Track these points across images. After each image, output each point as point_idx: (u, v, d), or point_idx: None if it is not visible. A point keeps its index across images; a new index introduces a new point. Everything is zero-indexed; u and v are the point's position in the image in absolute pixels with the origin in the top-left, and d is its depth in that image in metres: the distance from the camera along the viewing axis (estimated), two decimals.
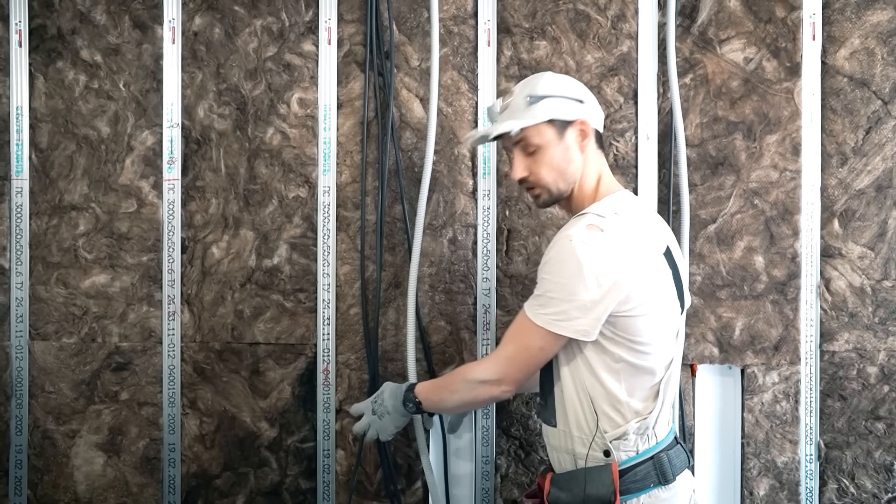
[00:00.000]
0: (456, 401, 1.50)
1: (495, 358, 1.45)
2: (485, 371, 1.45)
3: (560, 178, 1.47)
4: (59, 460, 2.03)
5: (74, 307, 2.03)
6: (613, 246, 1.35)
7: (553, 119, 1.45)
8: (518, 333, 1.42)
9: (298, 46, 2.01)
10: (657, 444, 1.41)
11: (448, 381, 1.52)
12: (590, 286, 1.33)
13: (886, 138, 1.92)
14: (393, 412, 1.57)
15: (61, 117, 2.03)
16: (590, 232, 1.35)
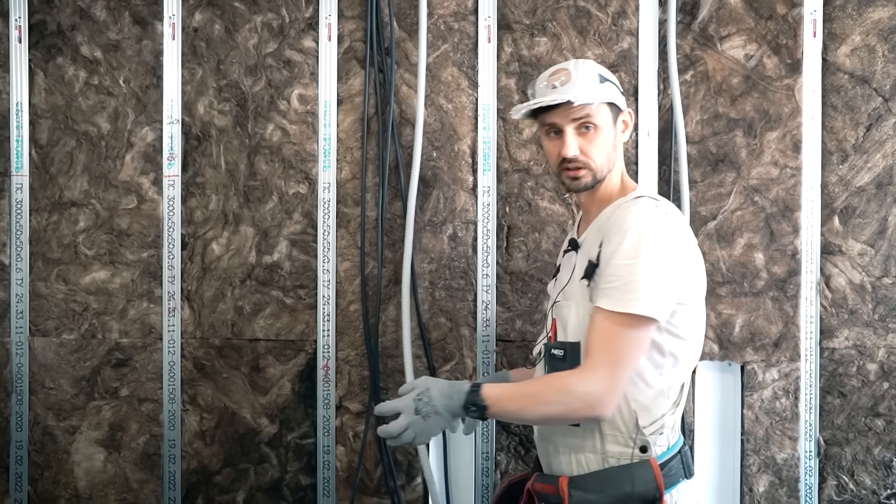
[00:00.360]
0: (543, 414, 1.31)
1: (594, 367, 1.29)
2: (588, 382, 1.28)
3: (606, 163, 1.42)
4: (59, 456, 2.03)
5: (74, 303, 2.03)
6: (682, 229, 1.35)
7: (612, 103, 1.43)
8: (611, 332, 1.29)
9: (299, 43, 2.01)
10: (680, 438, 1.40)
11: (534, 389, 1.33)
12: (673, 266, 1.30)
13: (887, 135, 1.92)
14: (444, 413, 1.33)
15: (61, 113, 2.03)
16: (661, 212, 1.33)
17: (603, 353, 1.29)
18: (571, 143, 1.40)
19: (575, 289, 1.40)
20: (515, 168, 1.97)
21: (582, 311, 1.37)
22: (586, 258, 1.39)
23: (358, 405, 2.00)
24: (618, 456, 1.34)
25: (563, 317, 1.41)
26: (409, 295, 1.93)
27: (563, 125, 1.40)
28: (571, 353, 1.36)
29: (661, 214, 1.33)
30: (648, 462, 1.32)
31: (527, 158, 1.97)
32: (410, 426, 1.32)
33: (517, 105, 1.45)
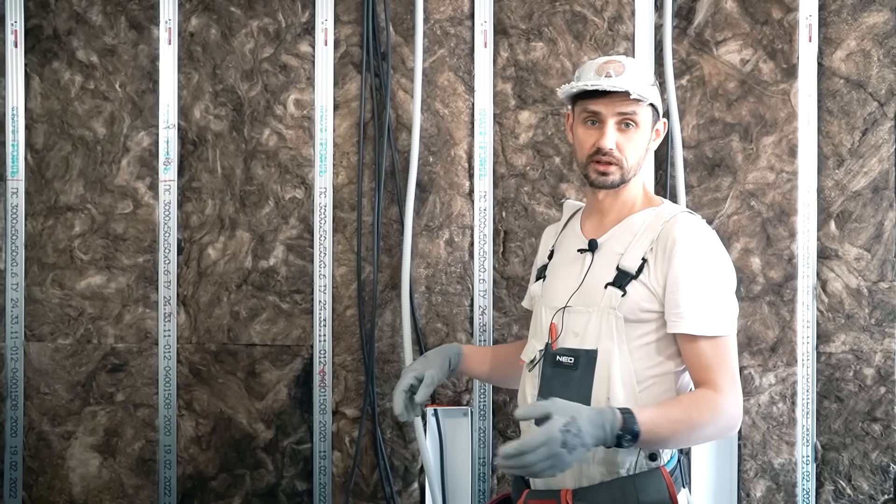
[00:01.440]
0: (695, 437, 1.32)
1: (726, 390, 1.29)
2: (729, 405, 1.29)
3: (636, 165, 1.40)
4: (54, 462, 2.03)
5: (70, 308, 2.03)
6: None
7: (654, 106, 1.42)
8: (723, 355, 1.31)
9: (295, 47, 2.01)
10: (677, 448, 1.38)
11: (686, 409, 1.27)
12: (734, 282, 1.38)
13: (882, 140, 1.92)
14: (591, 444, 1.18)
15: (57, 118, 2.03)
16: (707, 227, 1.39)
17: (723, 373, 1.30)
18: (611, 135, 1.36)
19: (596, 295, 1.36)
20: (512, 173, 1.97)
21: (606, 319, 1.33)
22: (614, 265, 1.36)
23: (354, 410, 1.99)
24: (627, 465, 1.30)
25: (579, 323, 1.36)
26: (407, 300, 1.92)
27: (606, 116, 1.37)
28: (586, 362, 1.32)
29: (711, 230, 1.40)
30: (659, 470, 1.30)
31: (523, 163, 1.97)
32: (552, 459, 1.15)
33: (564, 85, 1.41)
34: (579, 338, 1.35)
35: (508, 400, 1.96)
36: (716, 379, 1.29)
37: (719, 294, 1.33)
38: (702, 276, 1.31)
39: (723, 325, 1.31)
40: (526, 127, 1.97)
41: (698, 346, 1.30)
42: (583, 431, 1.16)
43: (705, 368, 1.30)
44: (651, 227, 1.37)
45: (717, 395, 1.28)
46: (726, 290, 1.35)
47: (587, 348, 1.34)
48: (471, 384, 1.97)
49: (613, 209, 1.43)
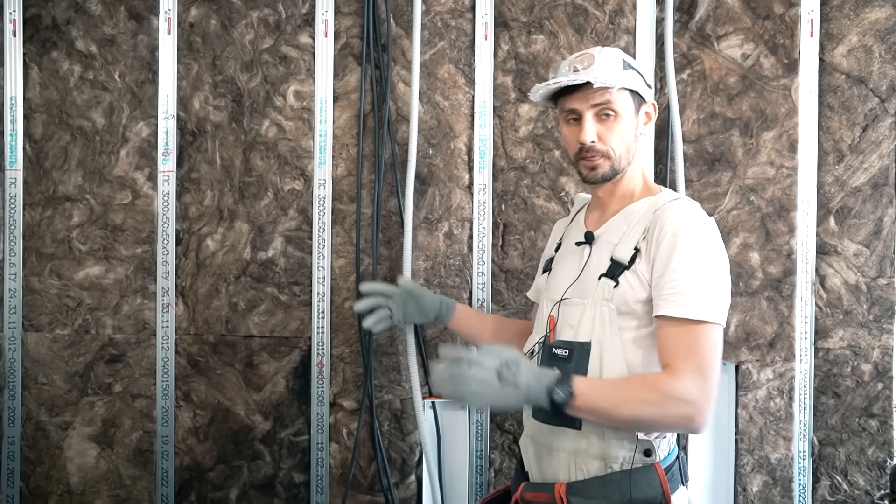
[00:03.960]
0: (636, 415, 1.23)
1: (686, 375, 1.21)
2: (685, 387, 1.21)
3: (626, 153, 1.38)
4: (51, 452, 2.03)
5: (68, 299, 2.02)
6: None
7: (636, 91, 1.38)
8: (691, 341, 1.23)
9: (295, 39, 2.00)
10: (676, 442, 1.37)
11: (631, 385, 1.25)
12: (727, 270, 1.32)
13: (883, 136, 1.92)
14: (523, 389, 1.21)
15: (56, 108, 2.02)
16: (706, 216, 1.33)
17: (689, 359, 1.22)
18: (590, 128, 1.35)
19: (590, 287, 1.35)
20: (511, 166, 1.97)
21: (599, 311, 1.32)
22: (608, 256, 1.34)
23: (352, 402, 1.99)
24: (622, 460, 1.29)
25: (574, 315, 1.35)
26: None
27: (582, 111, 1.36)
28: (580, 354, 1.32)
29: (709, 219, 1.33)
30: (653, 466, 1.28)
31: (523, 156, 1.97)
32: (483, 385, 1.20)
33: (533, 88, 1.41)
34: (574, 330, 1.35)
35: None
36: (678, 364, 1.23)
37: (701, 280, 1.25)
38: (686, 260, 1.26)
39: (699, 310, 1.24)
40: (526, 120, 1.96)
41: (669, 329, 1.25)
42: (520, 373, 1.21)
43: (671, 352, 1.24)
44: (645, 216, 1.35)
45: (671, 379, 1.22)
46: (711, 278, 1.26)
47: (581, 341, 1.33)
48: None
49: (613, 200, 1.42)
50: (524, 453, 1.44)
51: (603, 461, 1.30)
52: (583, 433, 1.31)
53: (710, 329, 1.24)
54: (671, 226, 1.28)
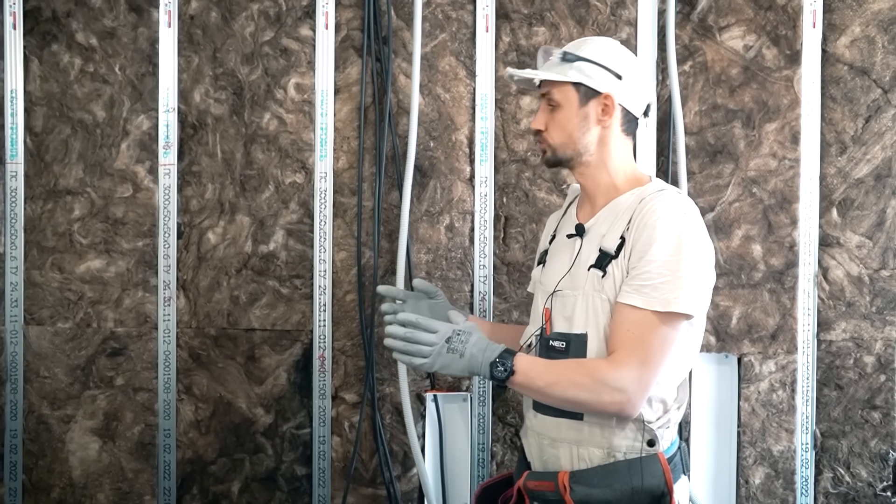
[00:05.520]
0: (570, 396, 1.28)
1: (626, 362, 1.25)
2: (621, 376, 1.24)
3: (568, 144, 1.39)
4: (53, 445, 2.03)
5: (69, 292, 2.02)
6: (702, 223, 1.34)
7: (580, 83, 1.37)
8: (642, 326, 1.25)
9: (295, 31, 2.00)
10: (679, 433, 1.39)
11: (570, 368, 1.29)
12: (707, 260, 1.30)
13: (886, 127, 1.91)
14: (468, 359, 1.29)
15: (56, 101, 2.02)
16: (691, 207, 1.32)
17: (634, 350, 1.25)
18: (538, 117, 1.43)
19: (582, 278, 1.36)
20: (513, 158, 1.97)
21: (591, 302, 1.33)
22: (597, 247, 1.35)
23: (354, 395, 1.99)
24: (625, 450, 1.30)
25: (567, 307, 1.36)
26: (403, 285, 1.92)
27: (541, 101, 1.45)
28: (576, 346, 1.33)
29: (692, 210, 1.32)
30: (657, 456, 1.30)
31: (524, 149, 1.96)
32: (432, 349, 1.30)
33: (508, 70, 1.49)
34: (568, 322, 1.36)
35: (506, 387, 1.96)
36: (621, 353, 1.26)
37: (671, 271, 1.25)
38: (658, 252, 1.26)
39: (653, 300, 1.25)
40: (527, 112, 1.96)
41: (624, 317, 1.27)
42: (468, 343, 1.30)
43: (619, 340, 1.27)
44: (631, 206, 1.35)
45: (608, 366, 1.26)
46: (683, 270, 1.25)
47: (577, 332, 1.34)
48: None
49: (598, 192, 1.42)
50: (526, 445, 1.44)
51: (605, 450, 1.31)
52: (585, 422, 1.32)
53: (670, 319, 1.26)
54: (651, 217, 1.29)
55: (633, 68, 1.41)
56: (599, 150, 1.39)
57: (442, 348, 1.30)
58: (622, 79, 1.38)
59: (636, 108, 1.41)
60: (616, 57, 1.39)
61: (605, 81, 1.37)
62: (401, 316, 1.32)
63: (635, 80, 1.40)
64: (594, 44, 1.41)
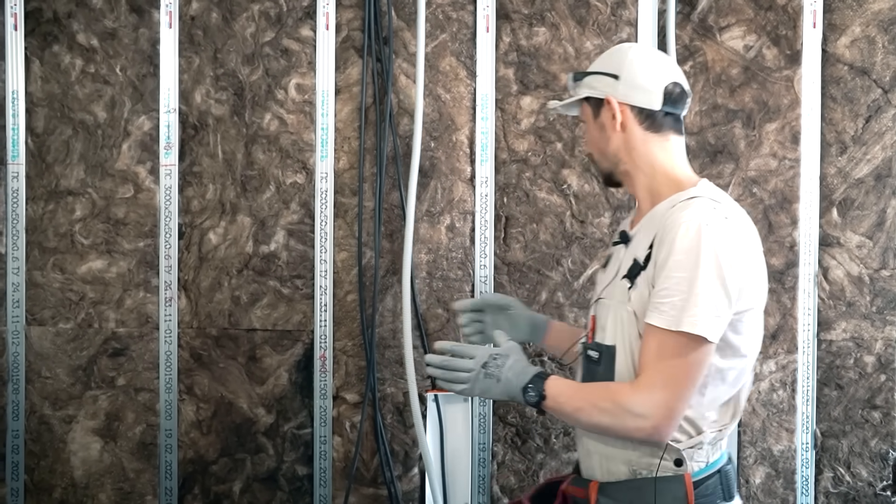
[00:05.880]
0: (596, 423, 1.26)
1: (650, 386, 1.20)
2: (643, 402, 1.20)
3: (601, 158, 1.39)
4: (55, 445, 2.03)
5: (71, 293, 2.03)
6: (743, 233, 1.24)
7: (589, 98, 1.37)
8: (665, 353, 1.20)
9: (296, 31, 2.00)
10: (722, 456, 1.29)
11: (595, 393, 1.27)
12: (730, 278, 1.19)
13: (886, 127, 1.91)
14: (504, 385, 1.29)
15: (57, 102, 2.02)
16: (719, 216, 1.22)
17: (657, 373, 1.20)
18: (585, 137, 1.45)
19: (616, 288, 1.32)
20: (513, 158, 1.97)
21: (619, 313, 1.29)
22: (632, 256, 1.30)
23: (355, 395, 2.00)
24: (648, 467, 1.26)
25: (603, 316, 1.33)
26: (408, 286, 1.92)
27: None
28: (606, 358, 1.30)
29: (720, 218, 1.21)
30: (682, 477, 1.24)
31: (525, 149, 1.97)
32: (469, 375, 1.31)
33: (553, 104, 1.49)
34: (603, 332, 1.33)
35: None
36: (644, 375, 1.22)
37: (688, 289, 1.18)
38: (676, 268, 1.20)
39: (669, 319, 1.19)
40: (528, 112, 1.96)
41: (649, 336, 1.22)
42: (504, 367, 1.30)
43: (643, 361, 1.23)
44: (664, 214, 1.28)
45: (630, 391, 1.22)
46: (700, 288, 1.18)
47: (607, 344, 1.30)
48: None
49: (643, 199, 1.36)
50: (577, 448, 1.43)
51: (629, 466, 1.28)
52: (609, 437, 1.29)
53: (688, 341, 1.18)
54: (672, 229, 1.22)
55: (631, 63, 1.33)
56: (629, 155, 1.34)
57: (479, 374, 1.30)
58: (619, 78, 1.33)
59: (647, 101, 1.32)
60: (613, 58, 1.36)
61: (605, 86, 1.34)
62: (437, 344, 1.38)
63: (635, 73, 1.33)
64: (603, 55, 1.40)
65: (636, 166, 1.34)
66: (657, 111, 1.32)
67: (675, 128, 1.34)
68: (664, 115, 1.33)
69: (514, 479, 1.97)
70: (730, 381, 1.26)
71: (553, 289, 1.96)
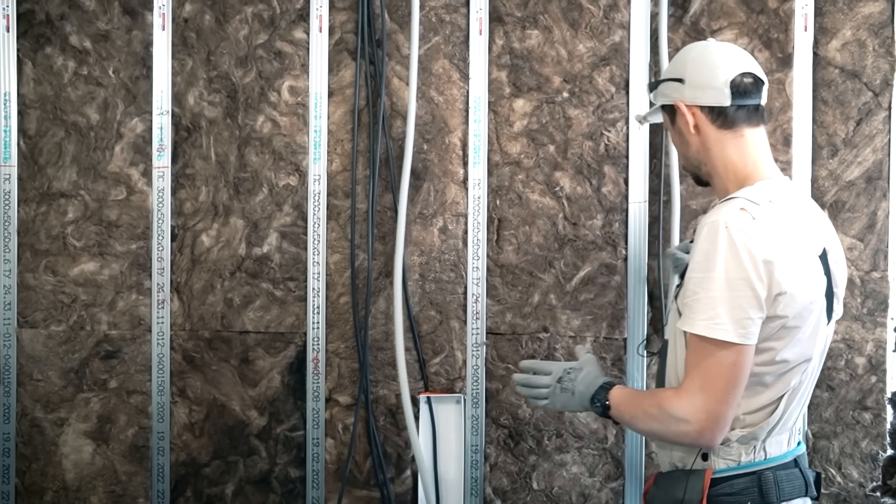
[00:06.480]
0: (647, 429, 1.35)
1: (688, 390, 1.23)
2: (682, 406, 1.23)
3: (686, 160, 1.41)
4: (47, 448, 2.03)
5: (63, 295, 2.02)
6: (766, 236, 1.20)
7: (664, 105, 1.39)
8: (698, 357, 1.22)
9: (289, 34, 2.00)
10: (765, 461, 1.28)
11: (646, 401, 1.31)
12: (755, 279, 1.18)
13: (877, 130, 1.92)
14: (577, 397, 1.39)
15: (50, 104, 2.02)
16: (741, 217, 1.21)
17: (694, 377, 1.22)
18: None
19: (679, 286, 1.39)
20: (506, 161, 1.97)
21: (672, 309, 1.37)
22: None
23: (347, 398, 1.99)
24: (682, 460, 1.32)
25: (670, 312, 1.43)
26: (400, 288, 1.92)
27: None
28: (663, 352, 1.38)
29: (746, 220, 1.20)
30: (703, 472, 1.27)
31: (517, 151, 1.97)
32: (548, 390, 1.42)
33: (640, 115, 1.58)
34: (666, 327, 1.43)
35: (501, 388, 1.97)
36: (685, 381, 1.24)
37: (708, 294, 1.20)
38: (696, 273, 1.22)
39: (699, 324, 1.21)
40: (520, 115, 1.97)
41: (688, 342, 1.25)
42: (577, 381, 1.40)
43: (685, 367, 1.26)
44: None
45: (674, 396, 1.24)
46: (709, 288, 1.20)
47: (665, 338, 1.39)
48: (464, 371, 1.97)
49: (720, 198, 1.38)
50: None
51: (670, 459, 1.35)
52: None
53: (712, 344, 1.20)
54: (700, 231, 1.24)
55: (693, 63, 1.34)
56: (707, 157, 1.34)
57: (556, 388, 1.41)
58: (684, 81, 1.34)
59: (714, 98, 1.31)
60: (677, 62, 1.39)
61: (672, 92, 1.36)
62: (521, 363, 1.52)
63: (698, 73, 1.33)
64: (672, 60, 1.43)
65: (714, 168, 1.35)
66: (728, 107, 1.30)
67: (751, 120, 1.32)
68: (736, 110, 1.31)
69: (507, 481, 1.97)
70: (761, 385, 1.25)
71: (545, 291, 1.96)
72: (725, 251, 1.19)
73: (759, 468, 1.27)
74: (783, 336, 1.23)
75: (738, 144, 1.32)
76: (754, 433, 1.27)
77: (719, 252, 1.19)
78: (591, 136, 1.95)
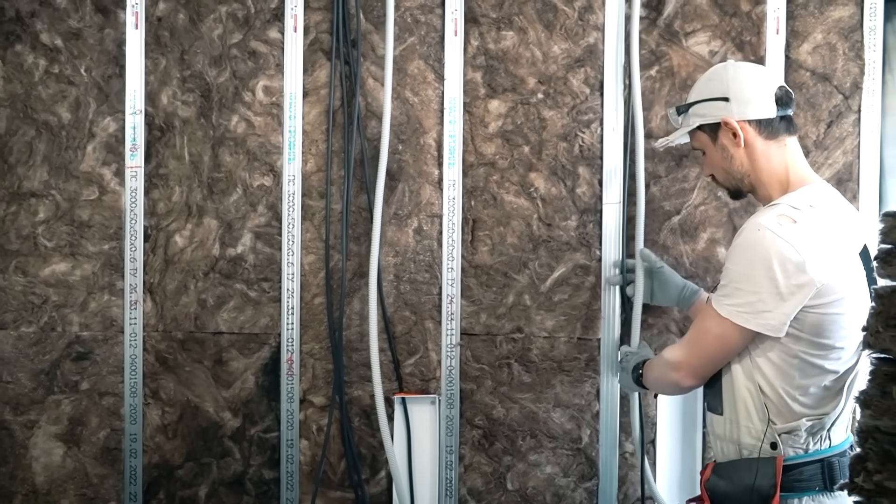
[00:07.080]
0: (653, 378, 1.58)
1: (679, 344, 1.51)
2: (671, 352, 1.50)
3: (728, 178, 1.51)
4: (16, 451, 2.00)
5: (33, 296, 2.00)
6: (807, 238, 1.33)
7: (702, 125, 1.49)
8: (701, 319, 1.45)
9: (264, 33, 1.99)
10: (830, 448, 1.39)
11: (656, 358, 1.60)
12: (780, 279, 1.32)
13: (847, 132, 1.94)
14: (626, 371, 1.68)
15: (20, 102, 1.99)
16: (782, 221, 1.35)
17: (690, 333, 1.49)
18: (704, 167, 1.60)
19: None
20: (481, 162, 1.97)
21: None
22: None
23: (322, 399, 1.99)
24: (750, 448, 1.40)
25: None
26: (375, 289, 1.92)
27: None
28: None
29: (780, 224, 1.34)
30: (774, 459, 1.36)
31: (492, 152, 1.97)
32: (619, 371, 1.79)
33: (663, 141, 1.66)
34: None
35: (476, 388, 1.97)
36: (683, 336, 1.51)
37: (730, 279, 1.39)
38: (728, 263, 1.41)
39: (714, 298, 1.41)
40: (495, 116, 1.97)
41: None
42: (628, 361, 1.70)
43: None
44: None
45: (671, 347, 1.53)
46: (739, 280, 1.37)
47: None
48: (438, 372, 1.97)
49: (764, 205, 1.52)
50: None
51: (737, 447, 1.42)
52: (725, 418, 1.45)
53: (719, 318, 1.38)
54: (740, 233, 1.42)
55: (736, 81, 1.46)
56: (752, 168, 1.47)
57: (619, 367, 1.79)
58: (729, 100, 1.45)
59: (762, 111, 1.45)
60: (714, 82, 1.49)
61: (717, 111, 1.46)
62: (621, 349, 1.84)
63: (743, 89, 1.45)
64: (697, 84, 1.54)
65: (758, 178, 1.47)
66: (773, 118, 1.46)
67: (789, 129, 1.48)
68: (780, 121, 1.46)
69: (482, 482, 1.97)
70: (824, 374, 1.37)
71: (520, 291, 1.96)
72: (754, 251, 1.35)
73: (826, 455, 1.38)
74: (831, 326, 1.35)
75: (781, 153, 1.46)
76: (822, 423, 1.38)
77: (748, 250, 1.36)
78: (566, 138, 1.96)
